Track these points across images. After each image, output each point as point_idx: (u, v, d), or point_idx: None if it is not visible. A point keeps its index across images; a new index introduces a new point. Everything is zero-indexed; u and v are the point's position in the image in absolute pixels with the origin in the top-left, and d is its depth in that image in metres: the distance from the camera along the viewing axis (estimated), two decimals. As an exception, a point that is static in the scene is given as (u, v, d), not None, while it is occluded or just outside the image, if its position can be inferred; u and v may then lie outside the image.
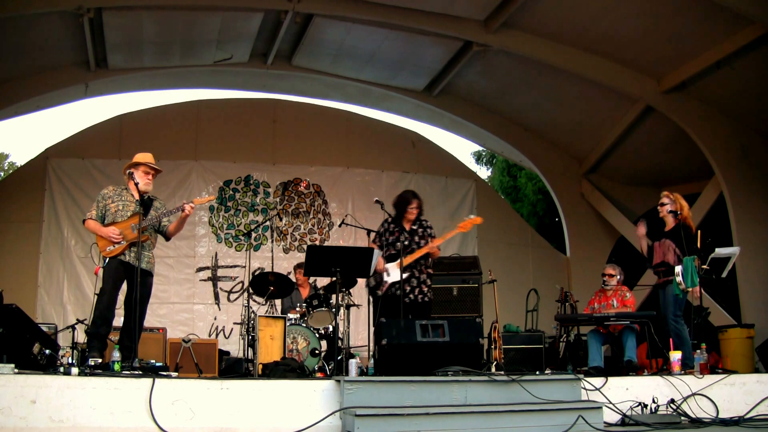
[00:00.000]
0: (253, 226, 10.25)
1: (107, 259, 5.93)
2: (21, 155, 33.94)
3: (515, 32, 9.49)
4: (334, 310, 7.22)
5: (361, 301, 8.50)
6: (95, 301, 5.96)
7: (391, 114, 12.19)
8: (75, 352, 7.04)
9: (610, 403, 5.62)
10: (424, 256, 6.76)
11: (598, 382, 5.74)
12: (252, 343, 7.16)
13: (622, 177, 11.96)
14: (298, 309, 7.76)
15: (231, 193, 10.72)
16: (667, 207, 6.97)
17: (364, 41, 9.89)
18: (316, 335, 7.41)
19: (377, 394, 5.16)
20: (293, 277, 8.84)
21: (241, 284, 10.38)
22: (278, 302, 8.49)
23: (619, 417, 5.61)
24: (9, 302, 6.33)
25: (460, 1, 9.01)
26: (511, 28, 9.44)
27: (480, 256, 9.52)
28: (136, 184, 6.02)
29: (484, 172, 19.76)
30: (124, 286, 6.01)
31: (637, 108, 10.36)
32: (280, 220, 10.82)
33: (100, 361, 5.53)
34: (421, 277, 6.78)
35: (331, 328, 7.60)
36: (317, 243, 10.72)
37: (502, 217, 12.03)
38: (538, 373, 6.28)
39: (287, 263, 10.27)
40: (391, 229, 6.90)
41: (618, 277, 7.90)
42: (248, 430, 4.96)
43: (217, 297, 10.35)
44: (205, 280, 10.37)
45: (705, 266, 7.00)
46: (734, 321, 9.41)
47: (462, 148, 41.45)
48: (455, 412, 5.12)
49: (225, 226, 10.60)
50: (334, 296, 7.28)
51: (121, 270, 5.93)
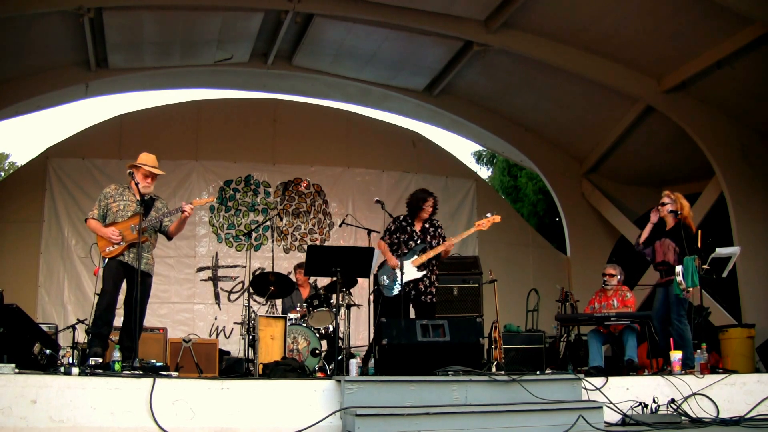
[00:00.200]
0: (253, 226, 10.23)
1: (107, 260, 5.94)
2: (21, 155, 33.94)
3: (515, 32, 9.49)
4: (334, 310, 7.22)
5: (362, 301, 8.50)
6: (95, 302, 5.96)
7: (391, 114, 12.19)
8: (75, 352, 7.05)
9: (611, 403, 5.62)
10: (436, 255, 6.72)
11: (598, 381, 5.74)
12: (252, 343, 7.15)
13: (623, 177, 11.96)
14: (298, 309, 7.76)
15: (231, 193, 10.72)
16: (668, 207, 6.97)
17: (365, 41, 9.89)
18: (317, 335, 7.41)
19: (377, 394, 5.16)
20: (293, 277, 8.83)
21: (241, 284, 10.37)
22: (279, 302, 8.49)
23: (620, 417, 5.62)
24: (9, 302, 6.31)
25: (460, 1, 9.01)
26: (512, 28, 9.44)
27: (480, 256, 9.53)
28: (137, 185, 6.03)
29: (484, 172, 19.78)
30: (124, 286, 6.03)
31: (637, 108, 10.36)
32: (281, 220, 10.82)
33: (101, 360, 5.54)
34: (431, 278, 6.77)
35: (331, 328, 7.60)
36: (317, 243, 10.72)
37: (502, 217, 11.91)
38: (538, 373, 6.27)
39: (287, 263, 10.27)
40: (404, 227, 6.84)
41: (618, 276, 7.91)
42: (249, 430, 4.96)
43: (217, 297, 10.35)
44: (205, 280, 10.37)
45: (705, 266, 7.00)
46: (735, 321, 9.41)
47: (462, 148, 41.43)
48: (455, 412, 5.12)
49: (225, 226, 10.60)
50: (334, 296, 7.28)
51: (120, 270, 5.94)
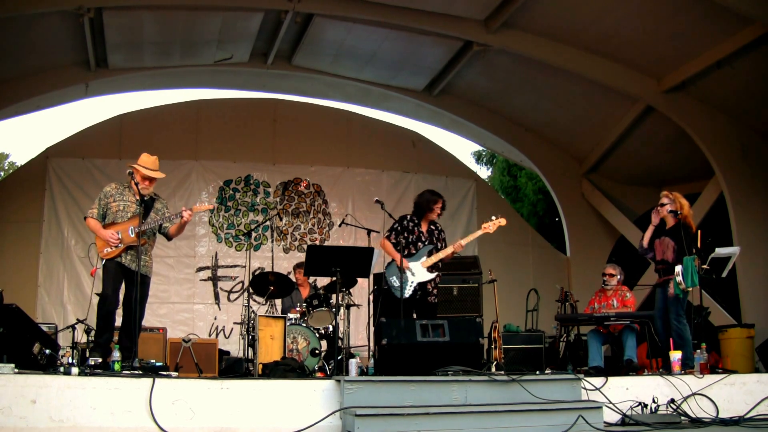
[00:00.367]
0: (253, 226, 10.23)
1: (105, 261, 5.95)
2: (21, 155, 33.97)
3: (515, 32, 9.48)
4: (334, 310, 7.22)
5: (362, 301, 8.50)
6: (97, 309, 5.99)
7: (391, 114, 12.19)
8: (75, 351, 7.05)
9: (610, 403, 5.62)
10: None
11: (598, 381, 5.74)
12: (252, 343, 7.15)
13: (623, 177, 11.95)
14: (298, 309, 7.76)
15: (231, 192, 10.72)
16: (667, 207, 6.97)
17: (365, 41, 9.88)
18: (316, 335, 7.41)
19: (377, 394, 5.16)
20: (293, 277, 8.84)
21: (241, 284, 10.37)
22: (278, 302, 8.49)
23: (620, 417, 5.62)
24: (9, 302, 6.32)
25: (460, 1, 9.00)
26: (512, 28, 9.44)
27: (480, 256, 9.52)
28: (137, 185, 6.03)
29: (484, 172, 19.78)
30: (123, 286, 6.04)
31: (637, 108, 10.35)
32: (280, 219, 10.82)
33: (100, 360, 5.54)
34: (436, 279, 6.78)
35: (331, 328, 7.59)
36: (317, 243, 10.72)
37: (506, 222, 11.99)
38: (538, 373, 6.28)
39: (287, 263, 10.27)
40: (411, 228, 6.80)
41: (618, 276, 7.91)
42: (248, 429, 4.96)
43: (217, 297, 10.35)
44: (205, 280, 10.38)
45: (705, 266, 7.00)
46: (734, 321, 9.40)
47: (462, 148, 41.40)
48: (455, 412, 5.13)
49: (225, 226, 10.60)
50: (334, 296, 7.28)
51: (119, 272, 5.96)
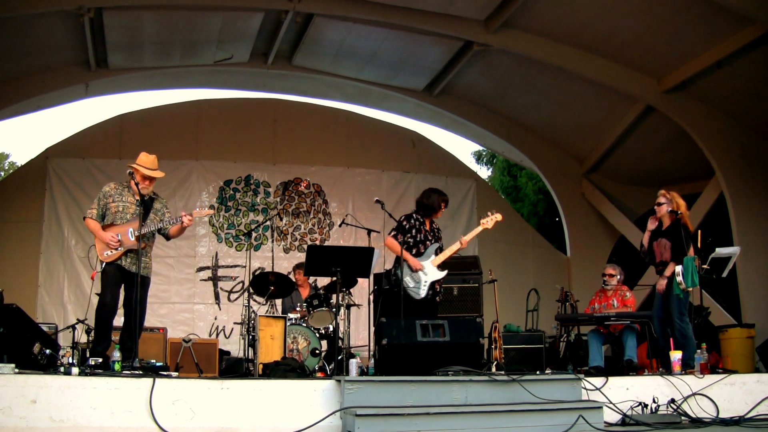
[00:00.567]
0: (253, 226, 10.23)
1: (104, 264, 5.94)
2: (21, 155, 34.01)
3: (515, 32, 9.48)
4: (334, 310, 7.22)
5: (362, 301, 8.50)
6: (95, 314, 5.98)
7: (391, 114, 12.19)
8: (75, 351, 7.05)
9: (611, 403, 5.62)
10: None
11: (598, 381, 5.73)
12: (252, 343, 7.15)
13: (623, 177, 11.95)
14: (298, 309, 7.76)
15: (231, 192, 10.72)
16: (665, 207, 6.96)
17: (365, 41, 9.88)
18: (317, 335, 7.41)
19: (377, 394, 5.16)
20: (293, 277, 8.84)
21: (241, 284, 10.37)
22: (278, 302, 8.49)
23: (620, 417, 5.61)
24: (9, 302, 6.31)
25: (460, 1, 9.00)
26: (512, 28, 9.44)
27: (480, 256, 9.51)
28: (137, 185, 6.03)
29: (484, 172, 19.79)
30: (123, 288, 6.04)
31: (637, 108, 10.36)
32: (281, 219, 10.82)
33: (101, 360, 5.54)
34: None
35: (331, 328, 7.59)
36: (317, 243, 10.72)
37: (502, 217, 11.98)
38: (538, 372, 6.27)
39: (287, 263, 10.27)
40: (417, 226, 6.76)
41: (618, 277, 7.91)
42: (248, 430, 4.96)
43: (217, 297, 10.35)
44: (205, 280, 10.37)
45: (705, 266, 6.99)
46: (734, 321, 9.40)
47: (462, 148, 41.41)
48: (455, 412, 5.12)
49: (225, 226, 10.60)
50: (334, 296, 7.28)
51: (118, 275, 5.96)
